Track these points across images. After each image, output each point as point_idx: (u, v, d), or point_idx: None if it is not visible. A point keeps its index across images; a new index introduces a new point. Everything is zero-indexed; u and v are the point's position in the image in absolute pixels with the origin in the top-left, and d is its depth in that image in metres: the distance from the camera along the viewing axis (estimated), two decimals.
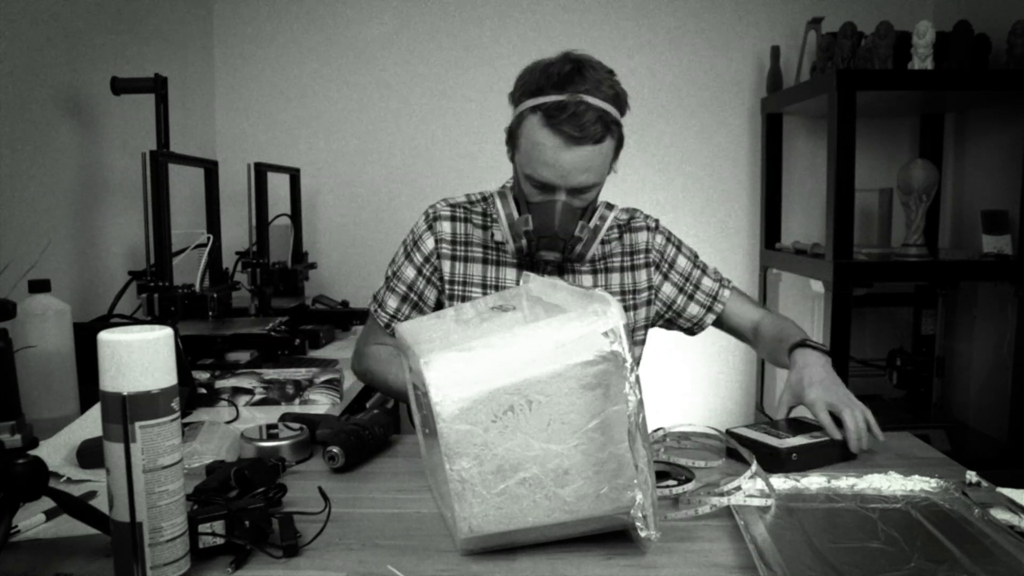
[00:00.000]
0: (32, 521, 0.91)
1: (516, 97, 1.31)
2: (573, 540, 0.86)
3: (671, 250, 1.49)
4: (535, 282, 1.08)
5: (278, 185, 2.44)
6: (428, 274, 1.41)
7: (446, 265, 1.40)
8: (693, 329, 1.53)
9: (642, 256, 1.46)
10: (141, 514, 0.74)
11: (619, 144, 1.29)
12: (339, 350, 2.09)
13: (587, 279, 1.43)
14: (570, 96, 1.20)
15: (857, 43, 2.34)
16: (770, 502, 0.95)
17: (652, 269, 1.47)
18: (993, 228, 2.31)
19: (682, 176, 2.80)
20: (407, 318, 1.41)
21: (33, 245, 1.71)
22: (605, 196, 1.38)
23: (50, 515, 0.92)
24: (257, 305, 2.22)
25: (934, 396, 2.68)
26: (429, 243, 1.41)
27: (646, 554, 0.84)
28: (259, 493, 0.94)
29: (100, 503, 0.90)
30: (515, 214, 1.31)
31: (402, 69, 2.80)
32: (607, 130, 1.23)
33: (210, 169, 2.07)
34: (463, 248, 1.41)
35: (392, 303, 1.43)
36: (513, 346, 0.82)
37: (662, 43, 2.77)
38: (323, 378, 1.60)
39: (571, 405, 0.81)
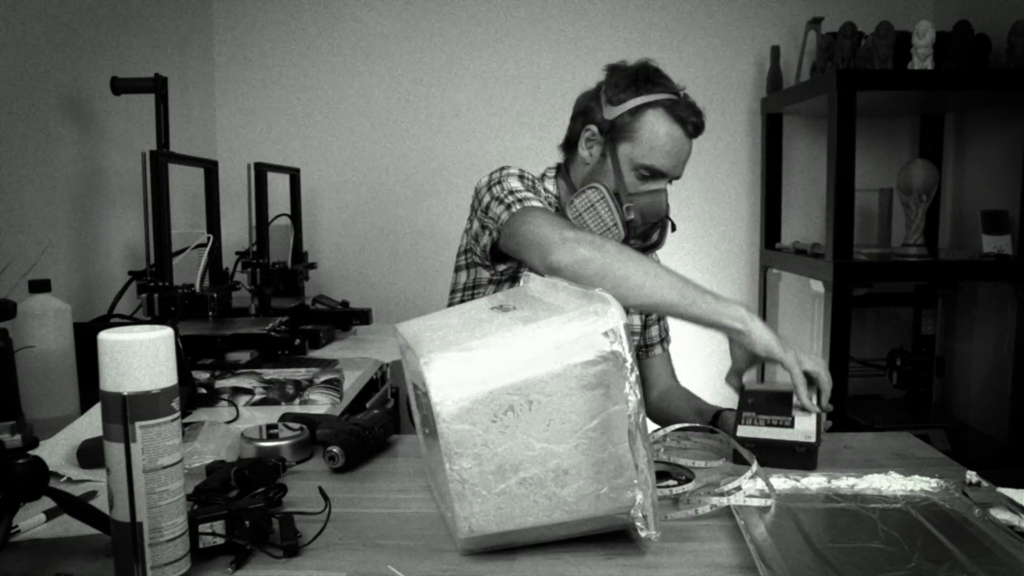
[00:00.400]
0: (32, 521, 0.91)
1: (618, 93, 1.37)
2: (573, 540, 0.86)
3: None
4: (535, 282, 1.07)
5: (278, 185, 2.44)
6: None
7: None
8: (639, 352, 1.57)
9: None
10: (141, 514, 0.74)
11: None
12: (339, 350, 2.09)
13: None
14: (683, 97, 1.37)
15: (857, 43, 2.34)
16: (770, 502, 0.95)
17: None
18: (993, 228, 2.31)
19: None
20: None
21: (33, 245, 1.71)
22: None
23: (50, 515, 0.92)
24: (257, 305, 2.22)
25: (934, 396, 2.68)
26: (539, 186, 1.43)
27: (646, 554, 0.84)
28: (259, 493, 0.94)
29: (100, 503, 0.90)
30: (619, 204, 1.35)
31: (402, 69, 2.80)
32: (704, 130, 1.39)
33: (210, 169, 2.07)
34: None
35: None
36: (513, 346, 0.82)
37: (662, 43, 2.77)
38: (323, 378, 1.60)
39: (571, 405, 0.81)
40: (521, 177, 1.37)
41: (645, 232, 1.40)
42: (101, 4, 2.05)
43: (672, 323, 1.60)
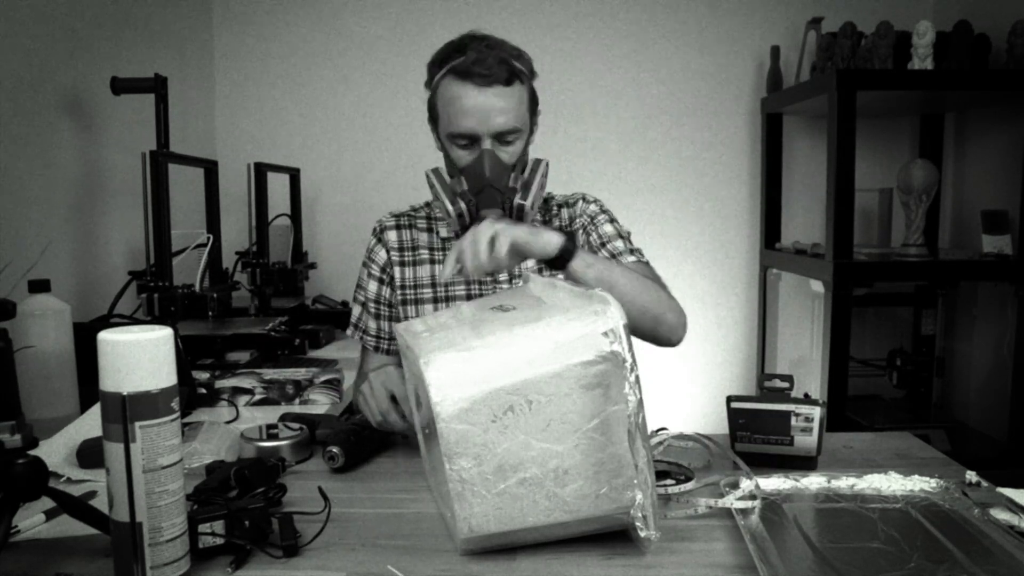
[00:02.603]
0: (32, 521, 0.91)
1: (428, 80, 1.36)
2: (573, 540, 0.86)
3: (601, 217, 1.46)
4: (535, 282, 1.07)
5: (278, 185, 2.44)
6: (387, 282, 1.44)
7: (397, 272, 1.43)
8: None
9: (577, 222, 1.46)
10: (141, 514, 0.74)
11: (533, 98, 1.35)
12: (339, 350, 2.09)
13: (531, 261, 1.38)
14: (472, 50, 1.29)
15: (857, 43, 2.34)
16: (756, 503, 0.94)
17: (581, 232, 1.45)
18: (993, 228, 2.31)
19: (682, 176, 2.81)
20: (389, 334, 1.44)
21: (33, 245, 1.71)
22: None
23: (50, 515, 0.92)
24: (257, 305, 2.22)
25: (934, 396, 2.68)
26: (381, 254, 1.45)
27: (646, 554, 0.84)
28: (259, 493, 0.94)
29: (100, 503, 0.90)
30: (446, 180, 1.33)
31: (402, 68, 2.80)
32: (514, 74, 1.29)
33: (210, 169, 2.07)
34: (410, 253, 1.44)
35: (372, 324, 1.45)
36: (513, 346, 0.82)
37: (662, 43, 2.77)
38: (323, 378, 1.60)
39: (571, 405, 0.81)
40: (366, 268, 1.48)
41: (492, 198, 1.29)
42: (101, 4, 2.05)
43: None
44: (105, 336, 0.74)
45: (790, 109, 2.63)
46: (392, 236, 1.45)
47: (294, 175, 2.55)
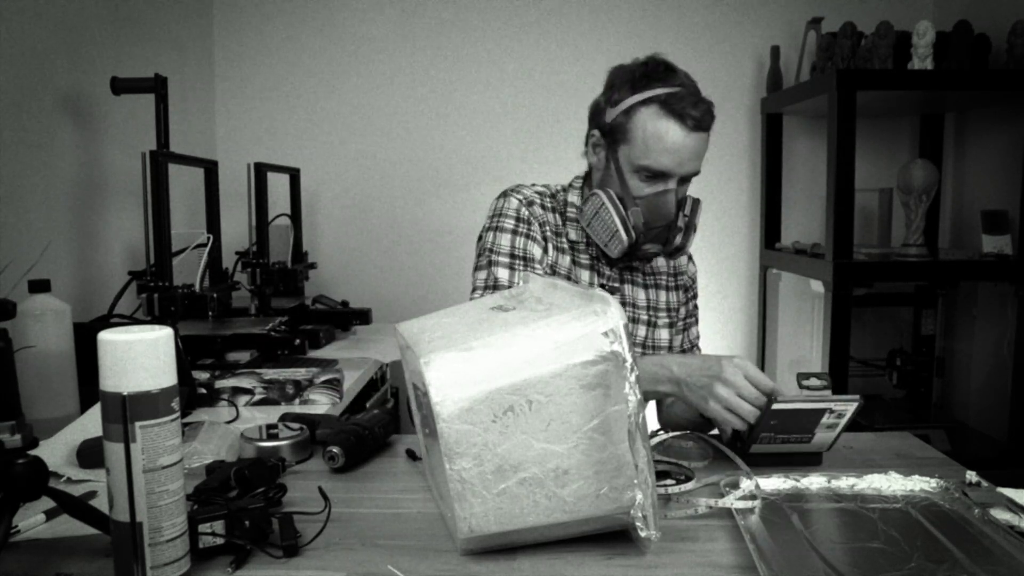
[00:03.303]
0: (32, 521, 0.91)
1: (615, 94, 1.33)
2: (573, 540, 0.86)
3: (696, 287, 1.57)
4: (535, 282, 1.07)
5: (278, 185, 2.44)
6: (545, 249, 1.39)
7: (549, 249, 1.40)
8: None
9: (683, 279, 1.53)
10: (141, 514, 0.74)
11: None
12: (339, 350, 2.09)
13: (641, 292, 1.46)
14: (683, 87, 1.27)
15: (857, 43, 2.34)
16: (756, 503, 0.94)
17: (683, 291, 1.53)
18: (993, 228, 2.31)
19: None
20: None
21: (33, 245, 1.71)
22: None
23: (50, 515, 0.92)
24: (257, 305, 2.22)
25: (934, 396, 2.68)
26: (536, 225, 1.39)
27: (646, 554, 0.84)
28: (259, 493, 0.94)
29: (100, 503, 0.90)
30: (621, 209, 1.32)
31: (403, 69, 2.80)
32: (713, 120, 1.30)
33: (210, 169, 2.07)
34: (555, 238, 1.42)
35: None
36: (513, 346, 0.82)
37: (662, 43, 2.75)
38: (323, 378, 1.60)
39: (571, 405, 0.81)
40: (515, 231, 1.38)
41: (660, 235, 1.34)
42: (101, 4, 2.05)
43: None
44: (105, 336, 0.74)
45: (790, 109, 2.63)
46: (539, 212, 1.41)
47: (294, 175, 2.55)
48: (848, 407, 1.06)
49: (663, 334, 1.48)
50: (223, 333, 1.85)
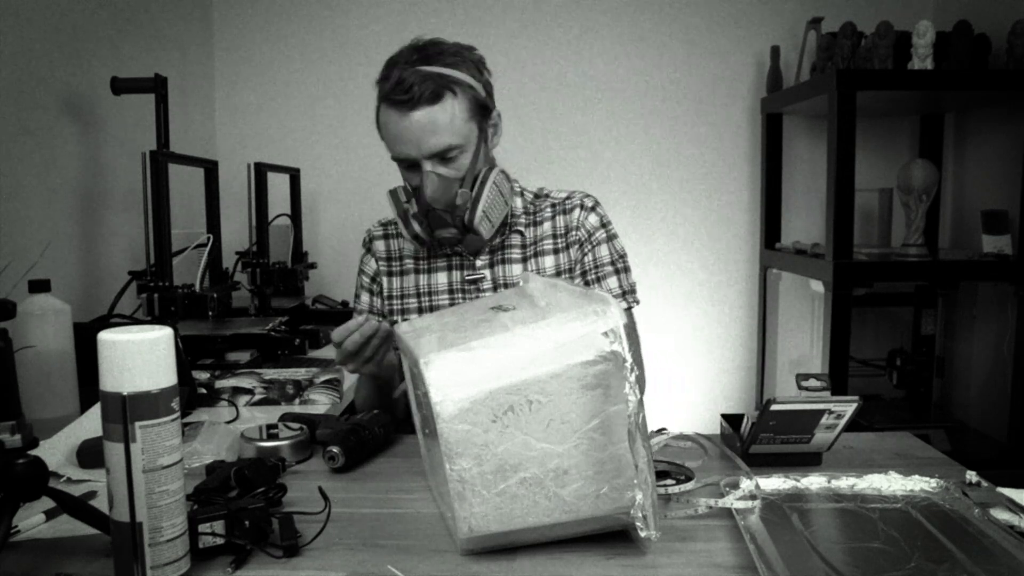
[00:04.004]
0: (32, 521, 0.91)
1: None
2: (573, 540, 0.86)
3: (601, 234, 1.41)
4: (535, 282, 1.07)
5: (278, 185, 2.44)
6: (377, 292, 1.45)
7: (385, 282, 1.44)
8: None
9: (574, 234, 1.40)
10: (141, 514, 0.74)
11: (476, 106, 1.29)
12: None
13: (517, 267, 1.39)
14: (399, 70, 1.25)
15: (857, 43, 2.34)
16: (756, 503, 0.94)
17: (576, 247, 1.41)
18: (993, 228, 2.31)
19: (682, 176, 2.80)
20: None
21: (33, 245, 1.71)
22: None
23: (50, 515, 0.92)
24: (257, 305, 2.22)
25: (934, 396, 2.68)
26: (371, 264, 1.46)
27: (646, 554, 0.84)
28: (259, 493, 0.94)
29: (100, 503, 0.90)
30: (403, 202, 1.34)
31: None
32: (444, 89, 1.24)
33: (210, 169, 2.07)
34: (397, 263, 1.44)
35: None
36: (513, 346, 0.82)
37: (662, 43, 2.77)
38: (323, 378, 1.60)
39: (571, 405, 0.81)
40: (359, 285, 1.50)
41: (442, 219, 1.30)
42: (101, 4, 2.05)
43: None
44: (105, 336, 0.74)
45: (790, 109, 2.63)
46: (380, 246, 1.46)
47: (294, 175, 2.55)
48: (847, 408, 1.06)
49: None
50: (223, 333, 1.85)
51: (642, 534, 0.80)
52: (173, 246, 1.82)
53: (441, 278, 1.41)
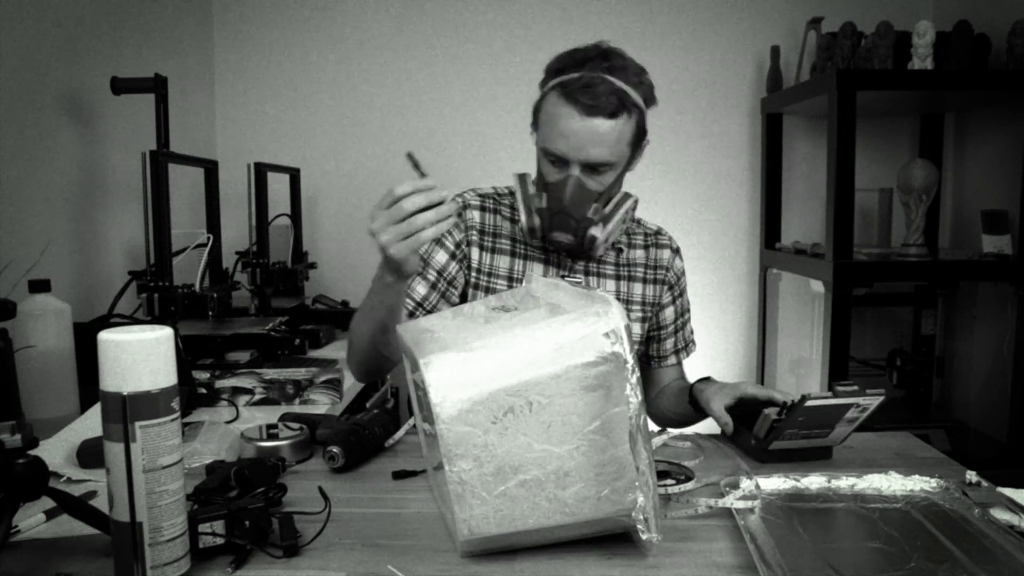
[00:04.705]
0: (32, 521, 0.91)
1: (543, 81, 1.32)
2: (574, 541, 0.86)
3: (684, 282, 1.53)
4: (536, 282, 1.07)
5: (278, 185, 2.44)
6: (460, 259, 1.40)
7: (475, 253, 1.40)
8: (649, 360, 1.54)
9: (662, 272, 1.48)
10: (141, 514, 0.74)
11: (639, 131, 1.32)
12: (339, 350, 2.09)
13: (611, 284, 1.44)
14: (588, 71, 1.25)
15: (857, 43, 2.34)
16: (756, 503, 0.94)
17: (664, 287, 1.49)
18: (993, 228, 2.31)
19: (682, 176, 2.80)
20: (434, 308, 1.38)
21: (33, 245, 1.71)
22: None
23: (50, 515, 0.92)
24: (257, 305, 2.22)
25: (934, 396, 2.68)
26: (459, 231, 1.41)
27: (646, 555, 0.84)
28: (259, 493, 0.94)
29: (100, 503, 0.90)
30: (531, 192, 1.33)
31: (403, 68, 2.80)
32: (622, 107, 1.25)
33: (210, 169, 2.07)
34: (491, 239, 1.41)
35: (421, 290, 1.38)
36: (513, 347, 0.82)
37: (662, 43, 2.77)
38: (323, 378, 1.60)
39: (572, 407, 0.81)
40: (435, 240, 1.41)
41: (567, 224, 1.29)
42: (101, 4, 2.05)
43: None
44: (105, 336, 0.74)
45: (790, 109, 2.63)
46: (476, 216, 1.42)
47: (294, 175, 2.55)
48: (873, 401, 1.09)
49: (635, 328, 1.46)
50: (223, 333, 1.85)
51: (644, 537, 0.80)
52: (173, 246, 1.82)
53: (537, 269, 1.41)
